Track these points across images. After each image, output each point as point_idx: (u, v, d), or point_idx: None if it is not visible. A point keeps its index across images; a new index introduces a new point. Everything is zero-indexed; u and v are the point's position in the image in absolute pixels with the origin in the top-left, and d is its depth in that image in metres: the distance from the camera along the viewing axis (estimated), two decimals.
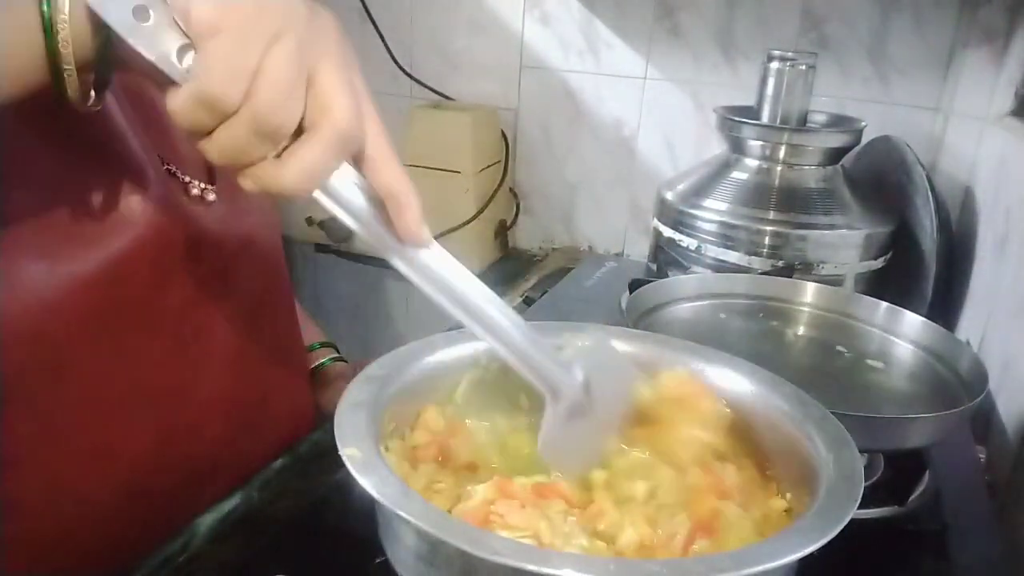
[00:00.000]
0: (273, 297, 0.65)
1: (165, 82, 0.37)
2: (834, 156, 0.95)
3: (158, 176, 0.52)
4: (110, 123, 0.50)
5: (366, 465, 0.40)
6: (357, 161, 0.42)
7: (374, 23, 1.36)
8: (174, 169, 0.55)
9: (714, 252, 0.94)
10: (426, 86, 1.38)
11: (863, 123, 0.96)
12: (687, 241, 0.96)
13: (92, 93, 0.41)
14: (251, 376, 0.62)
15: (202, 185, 0.57)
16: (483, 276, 1.47)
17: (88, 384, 0.50)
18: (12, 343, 0.46)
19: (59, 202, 0.48)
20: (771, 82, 0.95)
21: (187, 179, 0.56)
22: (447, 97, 1.37)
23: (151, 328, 0.53)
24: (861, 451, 0.51)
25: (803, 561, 0.37)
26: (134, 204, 0.50)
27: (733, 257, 0.92)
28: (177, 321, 0.55)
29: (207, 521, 0.57)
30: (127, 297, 0.51)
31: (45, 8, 0.36)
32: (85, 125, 0.49)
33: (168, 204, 0.52)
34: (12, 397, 0.47)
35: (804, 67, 0.94)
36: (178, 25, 0.37)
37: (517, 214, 1.40)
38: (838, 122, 0.99)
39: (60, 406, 0.49)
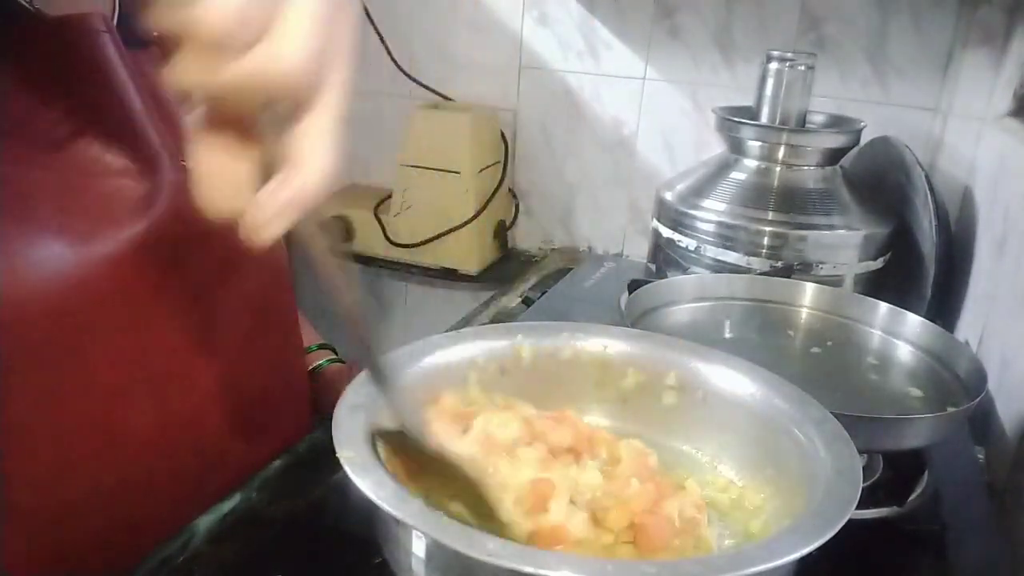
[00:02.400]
0: (276, 293, 0.66)
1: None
2: (833, 157, 0.95)
3: (173, 165, 0.53)
4: (127, 110, 0.52)
5: (363, 467, 0.40)
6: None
7: (373, 23, 1.36)
8: (188, 164, 0.56)
9: (713, 252, 0.94)
10: (425, 86, 1.38)
11: (862, 124, 0.96)
12: (686, 241, 0.96)
13: None
14: (254, 369, 0.63)
15: None
16: (482, 277, 1.46)
17: (101, 364, 0.51)
18: (32, 320, 0.47)
19: (81, 184, 0.50)
20: (770, 83, 0.95)
21: None
22: (446, 97, 1.37)
23: (162, 312, 0.54)
24: (860, 451, 0.51)
25: (801, 561, 0.37)
26: (152, 189, 0.52)
27: (732, 258, 0.92)
28: (187, 308, 0.56)
29: (206, 521, 0.57)
30: (143, 280, 0.52)
31: None
32: (105, 110, 0.51)
33: (183, 191, 0.53)
34: (29, 374, 0.48)
35: (803, 68, 0.94)
36: None
37: (516, 214, 1.40)
38: (837, 123, 0.99)
39: (73, 385, 0.50)
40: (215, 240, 0.56)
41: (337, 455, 0.40)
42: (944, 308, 0.94)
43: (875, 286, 0.94)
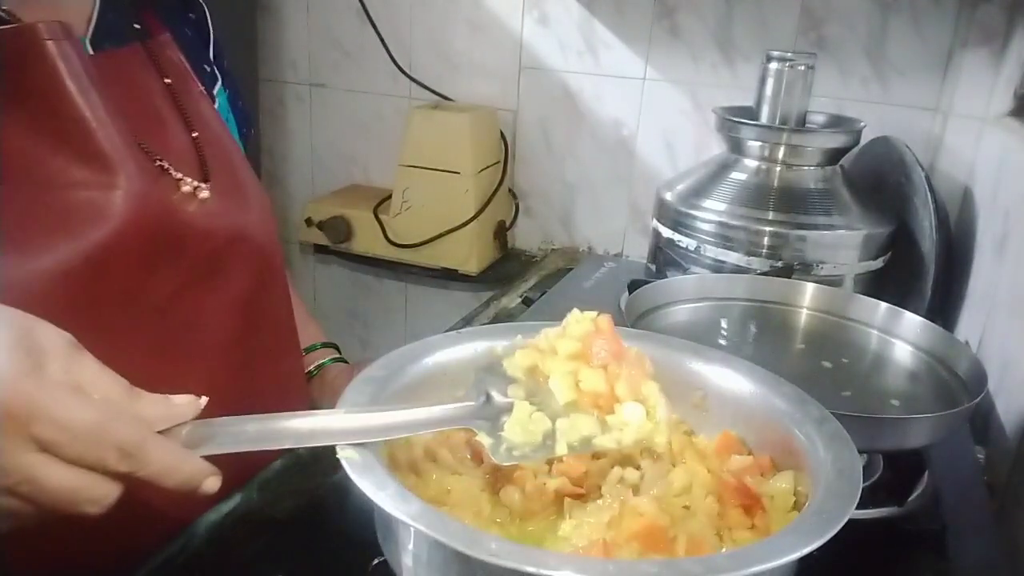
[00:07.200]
0: (267, 293, 0.66)
1: None
2: (833, 157, 0.95)
3: (141, 170, 0.53)
4: (82, 120, 0.51)
5: (363, 467, 0.40)
6: None
7: (373, 24, 1.36)
8: (166, 165, 0.56)
9: (713, 253, 0.94)
10: (425, 87, 1.38)
11: (862, 124, 0.96)
12: (686, 242, 0.96)
13: None
14: (245, 369, 0.63)
15: (195, 183, 0.58)
16: (482, 277, 1.45)
17: None
18: None
19: (37, 196, 0.49)
20: (770, 83, 0.95)
21: (179, 175, 0.57)
22: (446, 98, 1.37)
23: (136, 319, 0.54)
24: (860, 451, 0.51)
25: (802, 561, 0.37)
26: (113, 197, 0.51)
27: (732, 258, 0.92)
28: (164, 313, 0.55)
29: (206, 521, 0.57)
30: (109, 289, 0.52)
31: None
32: (61, 121, 0.50)
33: (149, 197, 0.53)
34: None
35: (803, 67, 0.94)
36: None
37: (516, 215, 1.40)
38: (837, 123, 0.99)
39: None
40: (191, 243, 0.56)
41: (337, 455, 0.40)
42: (944, 308, 0.94)
43: (875, 286, 0.94)
